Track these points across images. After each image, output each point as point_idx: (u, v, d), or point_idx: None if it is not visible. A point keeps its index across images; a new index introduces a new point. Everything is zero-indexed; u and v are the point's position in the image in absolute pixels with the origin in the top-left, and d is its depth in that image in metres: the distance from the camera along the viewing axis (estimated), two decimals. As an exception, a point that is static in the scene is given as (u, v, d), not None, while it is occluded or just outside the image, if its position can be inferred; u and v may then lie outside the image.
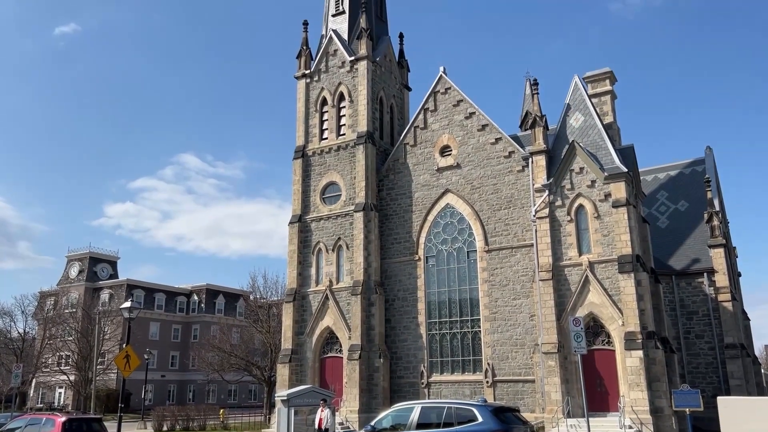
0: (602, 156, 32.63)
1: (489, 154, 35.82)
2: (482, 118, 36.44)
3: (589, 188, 32.04)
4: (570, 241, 31.91)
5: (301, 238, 39.13)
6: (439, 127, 37.74)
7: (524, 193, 34.22)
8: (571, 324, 21.94)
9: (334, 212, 38.47)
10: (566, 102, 35.12)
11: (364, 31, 39.85)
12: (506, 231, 34.43)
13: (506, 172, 35.09)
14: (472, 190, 35.83)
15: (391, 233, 37.85)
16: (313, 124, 40.90)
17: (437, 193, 36.84)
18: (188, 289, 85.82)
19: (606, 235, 31.25)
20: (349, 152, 38.81)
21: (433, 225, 36.75)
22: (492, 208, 35.09)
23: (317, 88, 41.38)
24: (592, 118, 33.99)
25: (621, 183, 31.30)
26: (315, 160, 40.17)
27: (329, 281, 37.58)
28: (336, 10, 42.96)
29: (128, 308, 21.18)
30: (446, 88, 37.99)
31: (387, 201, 38.40)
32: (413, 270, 36.66)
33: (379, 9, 44.11)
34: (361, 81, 39.28)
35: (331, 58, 41.32)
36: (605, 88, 36.34)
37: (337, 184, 38.96)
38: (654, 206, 41.61)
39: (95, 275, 79.98)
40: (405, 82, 44.12)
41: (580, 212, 32.12)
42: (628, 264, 29.97)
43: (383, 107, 41.09)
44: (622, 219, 30.70)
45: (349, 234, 37.54)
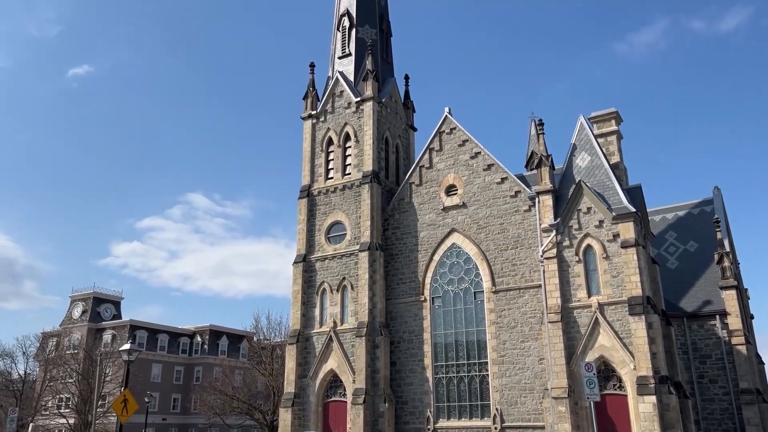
0: (610, 196, 32.32)
1: (495, 193, 35.58)
2: (488, 158, 36.34)
3: (597, 228, 31.64)
4: (579, 282, 31.35)
5: (305, 278, 38.67)
6: (444, 167, 37.64)
7: (531, 232, 33.82)
8: (583, 369, 21.29)
9: (339, 252, 38.10)
10: (572, 142, 35.04)
11: (369, 73, 40.20)
12: (514, 271, 33.91)
13: (513, 212, 34.77)
14: (479, 230, 35.46)
15: (396, 273, 37.36)
16: (319, 163, 40.92)
17: (443, 233, 36.48)
18: (191, 329, 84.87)
19: (615, 276, 30.70)
20: (355, 191, 38.67)
21: (439, 265, 36.27)
22: (499, 248, 34.65)
23: (323, 128, 41.55)
24: (598, 158, 33.83)
25: (629, 223, 30.90)
26: (320, 199, 40.03)
27: (333, 322, 36.95)
28: (342, 53, 43.48)
29: (127, 350, 20.68)
30: (451, 128, 38.03)
31: (392, 240, 38.04)
32: (419, 311, 36.04)
33: (385, 51, 44.63)
34: (367, 121, 39.43)
35: (338, 99, 41.60)
36: (611, 128, 36.28)
37: (342, 223, 38.71)
38: (663, 247, 41.08)
39: (98, 315, 79.32)
40: (410, 122, 44.31)
41: (589, 253, 31.65)
42: (638, 306, 29.32)
43: (389, 147, 41.14)
44: (631, 259, 30.19)
45: (354, 274, 37.07)
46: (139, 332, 76.90)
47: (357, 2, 44.03)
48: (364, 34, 43.27)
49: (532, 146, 47.63)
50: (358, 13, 43.74)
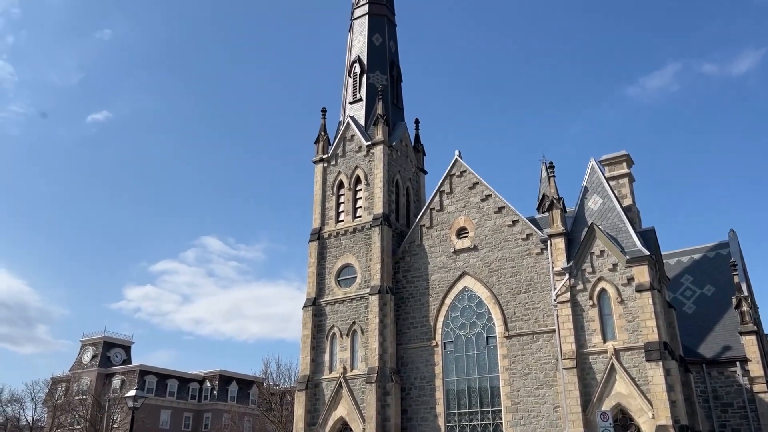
0: (623, 239, 31.91)
1: (506, 236, 35.28)
2: (498, 201, 36.19)
3: (611, 272, 31.13)
4: (593, 326, 30.69)
5: (315, 322, 38.23)
6: (455, 210, 37.50)
7: (544, 276, 33.34)
8: (599, 419, 20.58)
9: (350, 295, 37.73)
10: (583, 185, 34.86)
11: (380, 117, 40.58)
12: (527, 316, 33.31)
13: (525, 255, 34.38)
14: (490, 273, 35.04)
15: (407, 317, 36.84)
16: (330, 206, 40.98)
17: (454, 276, 36.07)
18: (201, 375, 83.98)
19: (631, 320, 30.02)
20: (365, 234, 38.54)
21: (451, 309, 35.75)
22: (511, 292, 34.14)
23: (334, 171, 41.76)
24: (610, 201, 33.56)
25: (644, 266, 30.38)
26: (331, 242, 39.91)
27: (343, 368, 36.30)
28: (354, 98, 44.03)
29: (133, 397, 20.31)
30: (461, 171, 38.04)
31: (403, 284, 37.66)
32: (430, 357, 35.35)
33: (395, 96, 45.14)
34: (378, 164, 39.60)
35: (348, 143, 41.93)
36: (623, 171, 36.13)
37: (353, 266, 38.46)
38: (679, 291, 40.29)
39: (108, 360, 78.85)
40: (421, 165, 44.46)
41: (603, 297, 31.08)
42: (655, 352, 28.55)
43: (399, 190, 41.18)
44: (646, 304, 29.56)
45: (364, 318, 36.61)
46: (149, 377, 76.18)
47: (368, 50, 44.81)
48: (375, 80, 43.89)
49: (543, 189, 47.45)
50: (369, 60, 44.47)
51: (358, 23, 46.54)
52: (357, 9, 47.17)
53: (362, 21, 46.27)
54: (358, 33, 46.17)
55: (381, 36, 45.83)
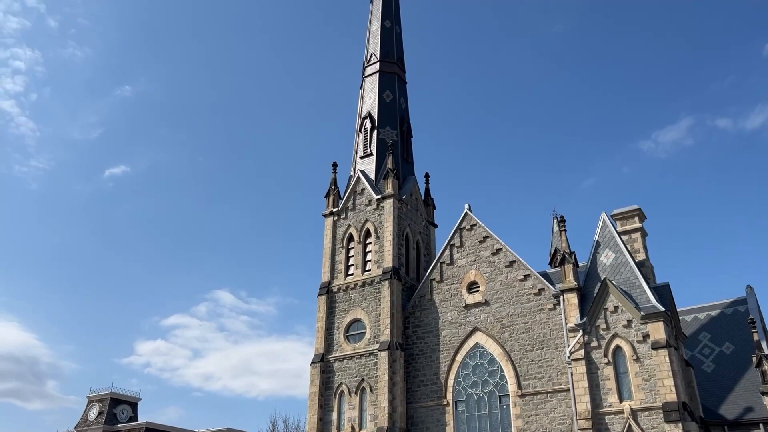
0: (637, 294, 31.28)
1: (518, 291, 34.75)
2: (510, 255, 35.82)
3: (625, 328, 30.39)
4: (609, 385, 29.74)
5: (323, 379, 37.42)
6: (465, 263, 37.12)
7: (557, 332, 32.61)
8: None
9: (358, 351, 37.03)
10: (595, 239, 34.49)
11: (390, 171, 40.81)
12: (540, 373, 32.41)
13: (537, 310, 33.74)
14: (502, 329, 34.33)
15: (417, 374, 35.97)
16: (339, 260, 40.77)
17: (465, 332, 35.38)
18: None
19: (647, 379, 29.09)
20: (375, 288, 38.15)
21: (462, 366, 34.90)
22: (524, 349, 33.35)
23: (344, 225, 41.75)
24: (623, 256, 33.09)
25: (659, 323, 29.66)
26: (340, 296, 39.50)
27: (351, 427, 35.26)
28: (364, 153, 44.44)
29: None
30: (472, 225, 37.86)
31: (413, 339, 36.95)
32: (441, 416, 34.30)
33: (405, 151, 45.53)
34: (387, 218, 39.57)
35: (359, 197, 42.06)
36: (635, 226, 35.76)
37: (362, 321, 37.91)
38: (697, 349, 39.14)
39: (114, 417, 77.13)
40: (431, 219, 44.38)
41: (618, 354, 30.24)
42: (674, 413, 27.52)
43: (409, 243, 40.98)
44: (663, 362, 28.69)
45: (373, 375, 35.79)
46: (154, 435, 74.41)
47: (379, 106, 45.53)
48: (385, 135, 44.39)
49: (554, 244, 47.05)
50: (379, 115, 45.13)
51: (369, 81, 47.45)
52: (368, 67, 48.19)
53: (373, 78, 47.19)
54: (369, 90, 47.01)
55: (391, 93, 46.62)
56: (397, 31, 49.97)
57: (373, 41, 48.92)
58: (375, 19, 49.98)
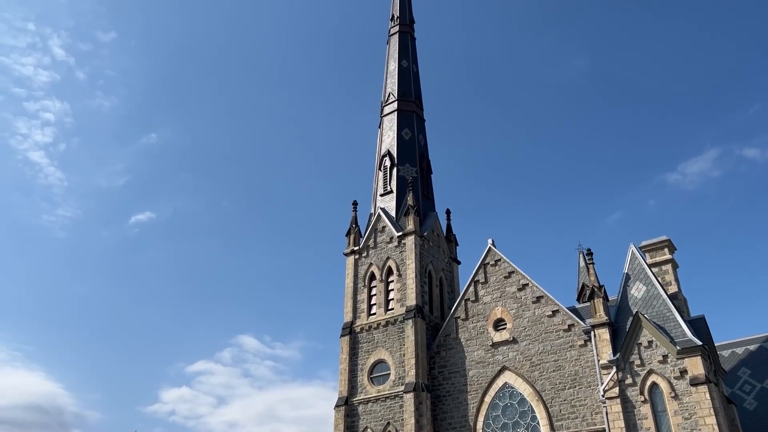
0: (671, 328, 30.07)
1: (547, 327, 33.64)
2: (536, 290, 34.85)
3: (661, 364, 29.10)
4: (647, 425, 28.32)
5: (347, 424, 36.26)
6: (491, 300, 36.18)
7: (589, 370, 31.34)
8: None
9: (383, 393, 35.92)
10: (624, 271, 33.46)
11: (411, 208, 40.37)
12: (573, 414, 31.03)
13: (567, 347, 32.56)
14: (532, 367, 33.13)
15: (445, 417, 34.70)
16: (361, 299, 40.05)
17: (493, 371, 34.20)
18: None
19: (687, 418, 27.64)
20: (398, 327, 37.25)
21: (491, 407, 33.61)
22: (555, 388, 32.06)
23: (365, 263, 41.17)
24: (654, 288, 31.99)
25: (697, 357, 28.36)
26: (363, 336, 38.62)
27: (378, 473, 33.96)
28: (384, 190, 44.15)
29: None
30: (496, 260, 37.05)
31: (439, 380, 35.81)
32: (471, 460, 32.89)
33: (426, 188, 45.15)
34: (409, 255, 38.93)
35: (380, 234, 41.57)
36: (665, 257, 34.67)
37: (386, 362, 36.91)
38: (737, 385, 37.37)
39: (135, 466, 76.11)
40: (454, 255, 43.63)
41: (655, 391, 28.89)
42: (719, 453, 26.01)
43: (432, 281, 40.17)
44: (703, 399, 27.30)
45: (399, 419, 34.59)
46: (175, 485, 72.98)
47: (398, 144, 45.43)
48: (405, 172, 44.13)
49: (581, 279, 45.87)
50: (398, 153, 44.96)
51: (388, 119, 47.52)
52: (386, 106, 48.34)
53: (391, 117, 47.26)
54: (387, 128, 47.04)
55: (410, 130, 46.58)
56: (414, 70, 50.25)
57: (391, 81, 49.19)
58: (392, 60, 50.39)
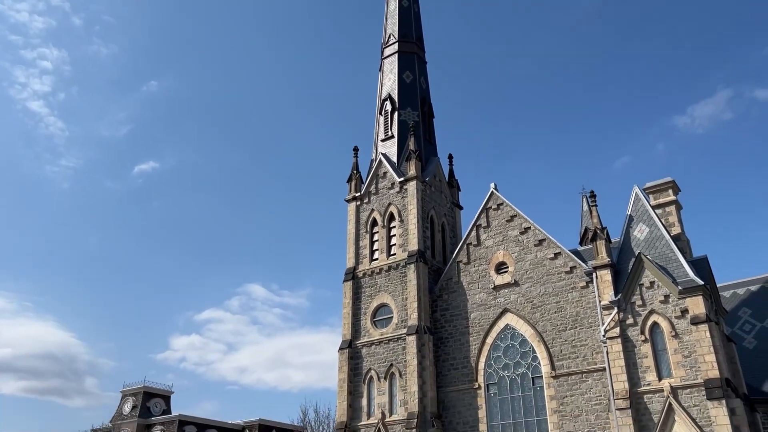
0: (673, 269, 30.03)
1: (548, 270, 33.68)
2: (539, 233, 34.74)
3: (662, 304, 29.19)
4: (647, 363, 28.62)
5: (351, 366, 36.87)
6: (493, 244, 36.15)
7: (591, 311, 31.52)
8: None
9: (386, 336, 36.37)
10: (628, 213, 33.25)
11: (412, 153, 39.92)
12: (574, 353, 31.37)
13: (569, 289, 32.66)
14: (533, 309, 33.34)
15: (447, 358, 35.20)
16: (364, 245, 40.09)
17: (495, 313, 34.47)
18: (241, 425, 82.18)
19: (687, 356, 27.90)
20: (400, 272, 37.39)
21: (493, 348, 34.02)
22: (556, 329, 32.32)
23: (367, 209, 41.03)
24: (657, 229, 31.81)
25: (698, 297, 28.40)
26: (365, 281, 38.85)
27: (381, 413, 34.68)
28: (385, 135, 43.60)
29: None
30: (498, 204, 36.83)
31: (441, 323, 36.16)
32: (473, 400, 33.50)
33: (427, 132, 44.55)
34: (411, 200, 38.72)
35: (381, 180, 41.27)
36: (669, 198, 34.37)
37: (389, 306, 37.22)
38: (737, 325, 37.61)
39: (148, 411, 77.95)
40: (456, 200, 43.40)
41: (655, 331, 29.08)
42: (717, 389, 26.33)
43: (434, 226, 40.08)
44: (704, 337, 27.47)
45: (402, 360, 35.11)
46: (189, 427, 74.91)
47: (399, 87, 44.58)
48: (406, 116, 43.46)
49: (584, 223, 45.76)
50: (399, 97, 44.18)
51: (388, 62, 46.51)
52: (387, 48, 47.24)
53: (392, 59, 46.24)
54: (388, 71, 46.08)
55: (411, 73, 45.63)
56: (416, 9, 48.86)
57: (391, 21, 47.91)
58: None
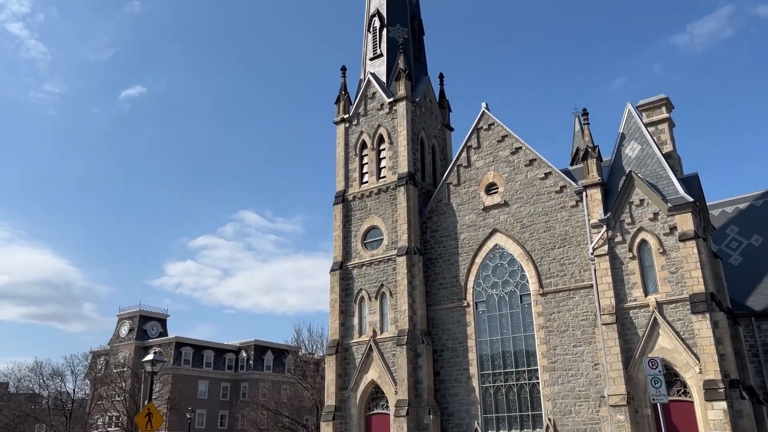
0: (664, 186, 29.98)
1: (538, 189, 33.59)
2: (529, 153, 34.41)
3: (651, 221, 29.32)
4: (634, 280, 29.05)
5: (342, 286, 37.32)
6: (483, 165, 35.86)
7: (580, 229, 31.67)
8: (647, 366, 19.04)
9: (377, 258, 36.63)
10: (620, 131, 32.86)
11: (402, 72, 38.87)
12: (562, 271, 31.77)
13: (558, 208, 32.69)
14: (522, 229, 33.48)
15: (436, 278, 35.63)
16: (353, 168, 39.69)
17: (484, 234, 34.63)
18: (237, 345, 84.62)
19: (674, 272, 28.29)
20: (390, 195, 37.23)
21: (482, 268, 34.40)
22: (545, 248, 32.58)
23: (356, 131, 40.36)
24: (649, 147, 31.53)
25: (687, 214, 28.50)
26: (355, 204, 38.73)
27: (373, 331, 35.41)
28: (374, 54, 42.32)
29: (150, 361, 19.63)
30: (489, 124, 36.28)
31: (431, 244, 36.37)
32: (462, 317, 34.18)
33: (417, 50, 43.25)
34: (401, 121, 38.04)
35: (370, 101, 40.39)
36: (662, 116, 33.89)
37: (379, 228, 37.29)
38: (724, 242, 38.07)
39: (145, 333, 79.85)
40: (446, 122, 42.70)
41: (643, 248, 29.35)
42: (701, 303, 26.86)
43: (424, 148, 39.59)
44: (691, 253, 27.77)
45: (393, 280, 35.53)
46: (185, 349, 77.02)
47: (387, 2, 42.84)
48: (396, 33, 42.04)
49: (576, 144, 45.38)
50: (388, 12, 42.55)
51: (376, -24, 44.48)
52: (374, -39, 45.04)
53: (380, -27, 44.20)
54: (376, -15, 44.16)
55: (400, -13, 43.76)
56: None
57: (379, -68, 45.48)
58: None
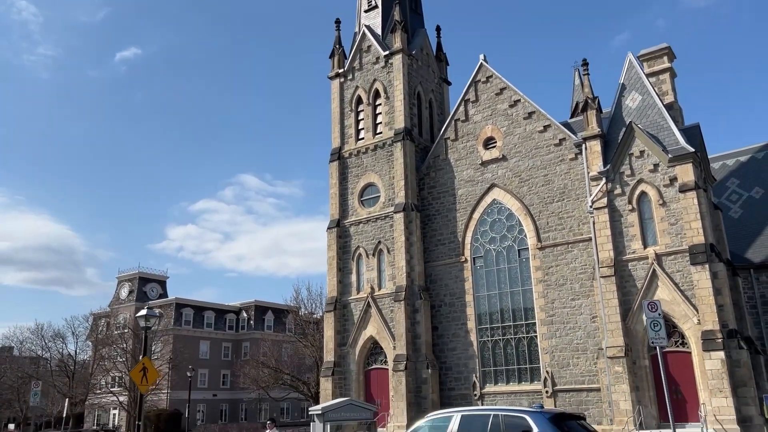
0: (665, 137, 29.44)
1: (537, 143, 33.03)
2: (528, 106, 33.73)
3: (651, 173, 28.87)
4: (633, 232, 28.77)
5: (340, 244, 37.09)
6: (481, 119, 35.21)
7: (579, 182, 31.25)
8: (646, 309, 18.76)
9: (373, 215, 36.30)
10: (620, 82, 32.12)
11: (398, 24, 37.84)
12: (560, 225, 31.47)
13: (557, 162, 32.20)
14: (521, 183, 33.05)
15: (434, 234, 35.36)
16: (349, 124, 39.01)
17: (482, 189, 34.21)
18: (237, 306, 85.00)
19: (674, 223, 27.99)
20: (387, 151, 36.67)
21: (480, 223, 34.09)
22: (543, 202, 32.21)
23: (351, 86, 39.53)
24: (650, 97, 30.86)
25: (688, 165, 28.05)
26: (352, 161, 38.18)
27: (371, 288, 35.32)
28: (369, 5, 41.18)
29: (144, 316, 19.44)
30: (488, 77, 35.48)
31: (429, 200, 35.99)
32: (460, 273, 34.04)
33: (414, 1, 42.07)
34: (397, 76, 37.19)
35: (365, 55, 39.44)
36: (663, 66, 33.14)
37: (376, 185, 36.83)
38: (724, 195, 37.77)
39: (145, 295, 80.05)
40: (444, 76, 41.81)
41: (643, 200, 28.98)
42: (701, 254, 26.63)
43: (421, 103, 38.83)
44: (691, 204, 27.41)
45: (390, 237, 35.27)
46: (185, 310, 77.36)
47: (382, -49, 41.45)
48: (391, -16, 40.76)
49: (576, 98, 44.60)
50: (383, -38, 41.20)
51: (370, -76, 42.95)
52: None
53: None
54: (370, -65, 42.67)
55: (395, -64, 42.27)
56: None
57: None
58: None
